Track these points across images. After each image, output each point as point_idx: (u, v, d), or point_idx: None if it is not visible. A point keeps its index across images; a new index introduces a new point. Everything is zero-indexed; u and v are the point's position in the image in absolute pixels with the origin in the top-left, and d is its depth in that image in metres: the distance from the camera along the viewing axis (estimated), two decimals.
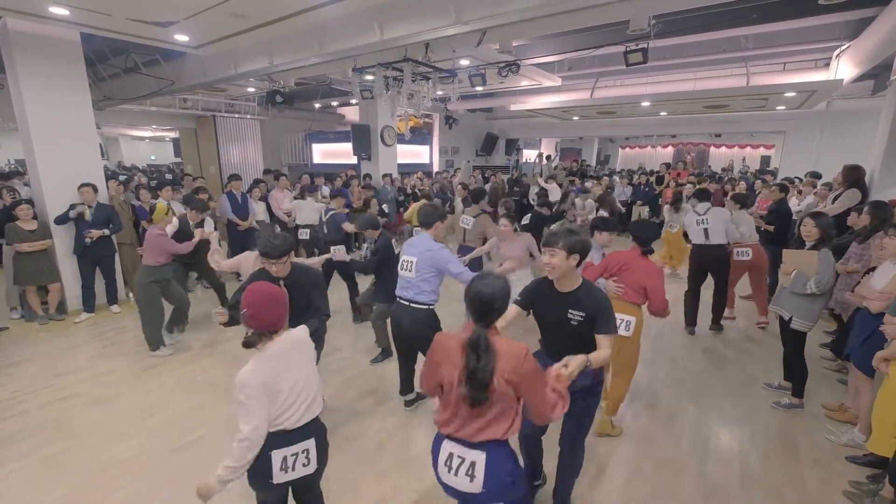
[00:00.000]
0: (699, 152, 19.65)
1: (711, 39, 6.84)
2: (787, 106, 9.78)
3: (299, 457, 1.85)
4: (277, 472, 1.82)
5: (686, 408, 3.64)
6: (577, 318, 2.10)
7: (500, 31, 4.44)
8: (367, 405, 3.66)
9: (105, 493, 2.72)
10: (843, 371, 4.07)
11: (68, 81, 5.41)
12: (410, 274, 3.11)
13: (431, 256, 3.07)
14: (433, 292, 3.17)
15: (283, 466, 1.82)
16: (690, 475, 2.90)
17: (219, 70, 6.64)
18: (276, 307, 1.84)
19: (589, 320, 2.09)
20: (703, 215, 4.93)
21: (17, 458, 3.02)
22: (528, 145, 19.65)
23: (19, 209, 5.05)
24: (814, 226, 3.40)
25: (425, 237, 3.17)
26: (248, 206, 6.71)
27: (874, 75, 8.16)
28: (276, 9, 4.39)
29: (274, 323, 1.82)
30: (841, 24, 6.15)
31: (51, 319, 5.37)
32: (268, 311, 1.80)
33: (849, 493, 2.71)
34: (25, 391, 3.85)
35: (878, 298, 2.95)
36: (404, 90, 5.31)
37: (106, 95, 8.45)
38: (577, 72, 9.10)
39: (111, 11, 4.46)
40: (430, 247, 3.12)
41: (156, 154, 20.63)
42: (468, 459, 1.69)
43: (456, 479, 1.71)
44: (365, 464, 2.98)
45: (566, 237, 2.08)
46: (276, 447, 1.81)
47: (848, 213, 4.82)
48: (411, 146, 12.96)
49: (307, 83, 9.51)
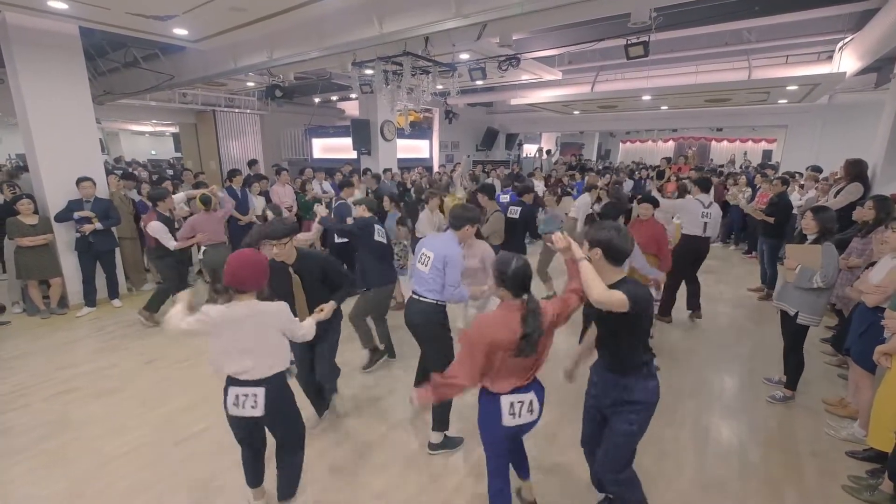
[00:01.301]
0: (701, 147, 19.57)
1: (713, 32, 6.80)
2: (789, 99, 9.73)
3: (248, 398, 2.19)
4: (230, 405, 2.20)
5: (685, 401, 3.65)
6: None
7: (500, 25, 4.41)
8: (368, 399, 3.67)
9: (106, 486, 2.74)
10: (843, 366, 4.07)
11: (68, 76, 5.40)
12: (425, 269, 3.02)
13: (445, 256, 2.98)
14: (429, 288, 3.06)
15: (235, 402, 2.19)
16: (689, 468, 2.91)
17: (218, 64, 6.62)
18: (249, 269, 2.13)
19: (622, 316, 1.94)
20: (707, 208, 4.92)
21: (19, 451, 3.04)
22: (528, 140, 19.59)
23: (20, 204, 5.05)
24: (812, 219, 3.39)
25: (449, 236, 3.07)
26: (248, 201, 6.71)
27: (877, 68, 8.10)
28: (275, 2, 4.38)
29: (241, 282, 2.12)
30: (844, 16, 6.10)
31: (52, 314, 5.39)
32: (241, 270, 2.11)
33: (848, 487, 2.71)
34: (27, 385, 3.87)
35: (874, 292, 2.95)
36: (404, 84, 5.29)
37: (106, 90, 8.43)
38: (577, 65, 9.06)
39: (110, 5, 4.45)
40: (450, 248, 3.00)
41: (156, 149, 20.61)
42: (528, 398, 2.08)
43: (521, 418, 2.07)
44: (365, 456, 3.00)
45: (592, 231, 2.05)
46: (231, 385, 2.21)
47: (851, 207, 4.80)
48: (411, 141, 12.91)
49: (307, 77, 9.49)
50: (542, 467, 2.88)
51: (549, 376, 2.33)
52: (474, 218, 3.07)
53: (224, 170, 11.32)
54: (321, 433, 3.22)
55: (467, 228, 3.05)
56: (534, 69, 8.07)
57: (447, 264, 2.95)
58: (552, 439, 3.17)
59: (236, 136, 12.45)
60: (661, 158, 12.35)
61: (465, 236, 3.07)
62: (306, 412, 2.85)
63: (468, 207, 3.17)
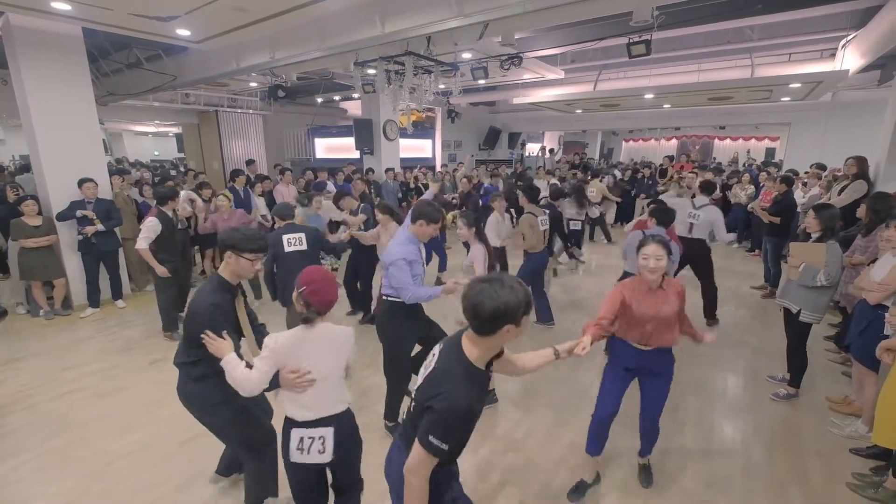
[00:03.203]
0: (704, 145, 19.53)
1: (715, 30, 6.78)
2: (792, 97, 9.70)
3: (315, 442, 1.91)
4: (294, 450, 1.91)
5: (688, 399, 3.65)
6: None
7: (502, 24, 4.41)
8: (370, 399, 3.68)
9: (112, 484, 2.76)
10: (847, 364, 4.06)
11: (71, 77, 5.42)
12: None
13: (386, 257, 2.87)
14: (388, 286, 2.92)
15: (300, 447, 1.90)
16: (693, 465, 2.91)
17: (221, 64, 6.63)
18: (334, 286, 1.95)
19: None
20: (696, 209, 4.91)
21: (26, 451, 3.06)
22: (531, 139, 19.57)
23: (24, 205, 5.08)
24: (814, 218, 3.39)
25: (400, 236, 2.92)
26: (250, 201, 6.73)
27: (881, 65, 8.08)
28: (277, 2, 4.39)
29: (332, 301, 1.92)
30: (847, 13, 6.08)
31: (56, 314, 5.42)
32: (330, 287, 1.91)
33: (852, 485, 2.71)
34: (33, 385, 3.90)
35: (875, 289, 2.94)
36: (406, 84, 5.29)
37: (109, 91, 8.46)
38: (579, 64, 9.05)
39: (113, 6, 4.46)
40: (391, 249, 2.85)
41: (159, 149, 20.65)
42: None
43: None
44: (369, 456, 3.00)
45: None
46: (294, 427, 1.91)
47: (856, 204, 4.79)
48: (414, 140, 12.91)
49: (309, 77, 9.50)
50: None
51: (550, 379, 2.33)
52: (429, 215, 2.85)
53: (227, 170, 11.34)
54: None
55: (421, 224, 2.86)
56: (536, 68, 8.06)
57: (389, 265, 2.83)
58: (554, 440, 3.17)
59: (239, 137, 12.47)
60: (664, 157, 12.34)
61: (421, 234, 2.89)
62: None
63: (432, 205, 2.97)
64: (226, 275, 2.15)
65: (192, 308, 2.08)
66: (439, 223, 2.94)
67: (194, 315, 2.06)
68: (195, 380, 2.17)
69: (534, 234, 4.66)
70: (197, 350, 2.05)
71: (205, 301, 2.06)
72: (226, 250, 2.11)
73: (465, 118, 14.79)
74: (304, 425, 1.90)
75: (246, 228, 2.20)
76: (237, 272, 2.16)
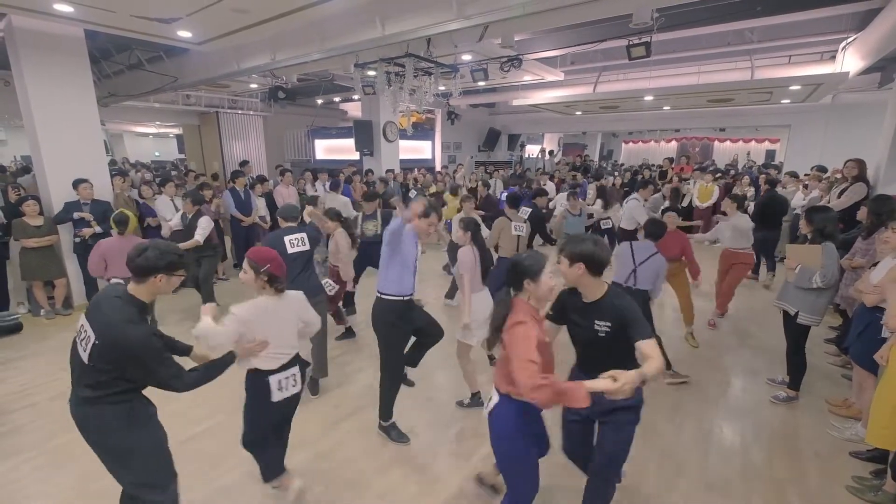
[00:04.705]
0: (703, 147, 19.53)
1: (715, 32, 6.79)
2: (792, 99, 9.71)
3: (289, 379, 2.35)
4: (275, 391, 2.31)
5: (687, 401, 3.64)
6: (604, 328, 1.97)
7: (502, 26, 4.43)
8: (370, 399, 3.68)
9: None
10: (847, 366, 4.05)
11: (73, 78, 5.43)
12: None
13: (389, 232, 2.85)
14: (385, 279, 2.94)
15: (280, 387, 2.32)
16: (692, 468, 2.91)
17: (222, 66, 6.66)
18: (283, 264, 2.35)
19: (619, 330, 1.94)
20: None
21: (28, 449, 3.07)
22: (531, 140, 19.59)
23: (26, 205, 5.09)
24: (805, 220, 3.45)
25: (398, 220, 2.87)
26: (250, 202, 6.74)
27: (881, 68, 8.10)
28: (277, 4, 4.41)
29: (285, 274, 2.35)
30: (847, 16, 6.10)
31: (57, 314, 5.43)
32: (281, 262, 2.33)
33: (851, 487, 2.71)
34: (34, 384, 3.90)
35: (872, 292, 2.95)
36: (406, 85, 5.30)
37: (110, 92, 8.50)
38: (579, 66, 9.07)
39: (115, 8, 4.48)
40: (392, 228, 2.83)
41: (160, 150, 20.71)
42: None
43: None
44: (368, 457, 3.01)
45: (570, 245, 1.98)
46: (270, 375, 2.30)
47: (856, 207, 4.80)
48: (413, 142, 12.96)
49: (309, 79, 9.53)
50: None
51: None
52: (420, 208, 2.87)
53: (227, 171, 11.36)
54: (322, 434, 3.23)
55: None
56: (536, 70, 8.08)
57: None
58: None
59: (239, 138, 12.50)
60: (664, 159, 12.34)
61: (420, 229, 2.92)
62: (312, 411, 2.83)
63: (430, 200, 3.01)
64: (144, 297, 2.01)
65: (122, 342, 1.88)
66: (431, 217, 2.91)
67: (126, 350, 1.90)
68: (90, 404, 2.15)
69: (504, 238, 4.72)
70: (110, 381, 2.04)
71: (137, 333, 1.88)
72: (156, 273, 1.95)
73: (465, 120, 14.81)
74: (278, 371, 2.31)
75: (174, 247, 2.05)
76: (158, 292, 2.04)
